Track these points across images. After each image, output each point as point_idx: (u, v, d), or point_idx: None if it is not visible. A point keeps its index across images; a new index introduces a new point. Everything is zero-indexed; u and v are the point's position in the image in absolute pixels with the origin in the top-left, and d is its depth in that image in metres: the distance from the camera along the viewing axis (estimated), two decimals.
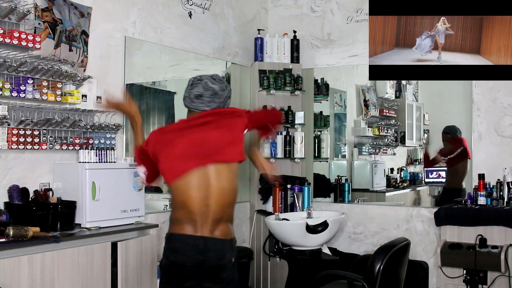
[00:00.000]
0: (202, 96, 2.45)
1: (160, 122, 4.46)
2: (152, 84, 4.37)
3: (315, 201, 4.85)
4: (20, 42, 2.86)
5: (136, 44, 3.87)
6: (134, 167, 3.29)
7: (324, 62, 4.92)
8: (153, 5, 3.97)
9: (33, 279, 2.60)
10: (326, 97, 5.07)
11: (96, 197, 3.05)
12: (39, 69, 2.99)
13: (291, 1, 5.07)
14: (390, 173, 5.69)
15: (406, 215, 4.44)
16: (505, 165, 3.97)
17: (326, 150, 5.06)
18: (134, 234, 3.22)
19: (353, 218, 4.65)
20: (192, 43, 4.33)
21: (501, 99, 4.15)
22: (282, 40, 4.81)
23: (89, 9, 3.40)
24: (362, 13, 4.71)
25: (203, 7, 4.43)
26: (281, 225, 4.02)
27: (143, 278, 3.19)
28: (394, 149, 5.89)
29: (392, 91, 5.87)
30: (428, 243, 4.30)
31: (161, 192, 4.47)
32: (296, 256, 3.98)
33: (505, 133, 4.12)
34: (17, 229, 2.58)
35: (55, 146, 3.12)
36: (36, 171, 3.12)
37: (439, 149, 5.13)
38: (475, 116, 4.23)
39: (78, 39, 3.30)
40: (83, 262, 2.84)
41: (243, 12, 4.89)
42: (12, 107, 2.93)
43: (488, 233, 3.68)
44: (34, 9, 3.03)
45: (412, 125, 5.86)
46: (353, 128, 5.59)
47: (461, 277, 3.73)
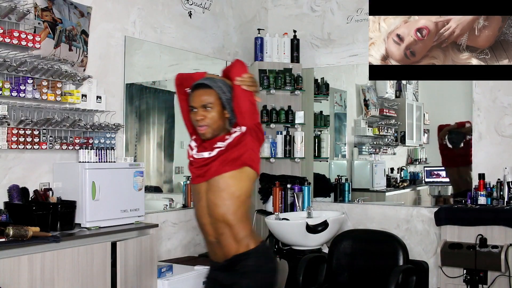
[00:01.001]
0: None
1: (160, 122, 4.46)
2: (152, 84, 4.37)
3: (315, 201, 4.85)
4: (20, 41, 2.85)
5: (136, 44, 3.86)
6: (134, 167, 3.31)
7: (324, 62, 4.92)
8: (153, 5, 3.97)
9: (33, 279, 2.60)
10: (326, 96, 5.07)
11: (96, 197, 3.05)
12: (39, 68, 2.99)
13: (291, 1, 5.06)
14: (390, 172, 5.68)
15: (406, 215, 4.43)
16: (505, 165, 3.97)
17: (326, 149, 5.06)
18: (134, 234, 3.22)
19: (353, 218, 4.65)
20: (192, 42, 4.32)
21: (501, 99, 4.15)
22: (282, 40, 4.80)
23: (89, 9, 3.40)
24: (362, 12, 4.71)
25: (203, 7, 4.43)
26: (281, 225, 4.02)
27: (142, 278, 3.19)
28: (394, 148, 5.89)
29: (392, 90, 5.87)
30: (428, 243, 4.29)
31: (161, 192, 4.47)
32: (296, 256, 3.99)
33: (505, 132, 4.12)
34: (17, 229, 2.58)
35: (55, 146, 3.11)
36: (36, 171, 3.12)
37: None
38: (475, 116, 4.22)
39: (78, 38, 3.29)
40: (83, 262, 2.84)
41: (243, 12, 4.88)
42: (12, 107, 2.92)
43: (488, 233, 3.67)
44: (34, 9, 3.02)
45: (412, 124, 5.85)
46: (353, 127, 5.59)
47: (461, 277, 3.73)
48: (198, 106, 2.28)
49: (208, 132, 2.29)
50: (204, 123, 2.27)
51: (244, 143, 2.26)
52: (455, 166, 4.91)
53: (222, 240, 2.29)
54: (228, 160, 2.26)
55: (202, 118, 2.27)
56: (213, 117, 2.27)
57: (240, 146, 2.26)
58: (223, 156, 2.26)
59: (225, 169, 2.26)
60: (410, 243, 4.26)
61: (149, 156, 4.36)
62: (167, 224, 4.01)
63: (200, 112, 2.28)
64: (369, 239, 4.05)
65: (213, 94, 2.28)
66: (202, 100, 2.27)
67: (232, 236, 2.28)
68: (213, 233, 2.31)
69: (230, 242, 2.27)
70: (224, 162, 2.26)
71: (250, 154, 2.27)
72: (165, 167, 4.52)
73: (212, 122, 2.28)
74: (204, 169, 2.30)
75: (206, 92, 2.28)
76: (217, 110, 2.28)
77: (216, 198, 2.27)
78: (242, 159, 2.26)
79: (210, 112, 2.27)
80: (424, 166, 5.67)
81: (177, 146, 4.55)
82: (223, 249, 2.31)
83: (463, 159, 4.43)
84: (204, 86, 2.30)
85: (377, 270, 3.85)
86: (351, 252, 3.99)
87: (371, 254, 3.94)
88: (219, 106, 2.29)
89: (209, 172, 2.28)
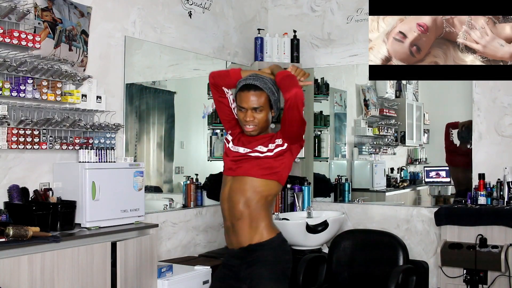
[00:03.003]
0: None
1: (160, 122, 4.46)
2: (152, 83, 4.38)
3: (315, 201, 4.85)
4: (20, 41, 2.85)
5: (136, 44, 3.86)
6: (134, 167, 3.31)
7: (324, 62, 4.92)
8: (153, 5, 3.97)
9: (33, 279, 2.60)
10: (326, 96, 5.07)
11: (96, 197, 3.05)
12: (39, 68, 2.99)
13: (291, 1, 5.06)
14: (390, 172, 5.68)
15: (406, 215, 4.44)
16: (505, 165, 3.97)
17: (326, 149, 5.06)
18: (134, 234, 3.22)
19: (353, 218, 4.65)
20: (192, 42, 4.32)
21: (501, 99, 4.15)
22: (282, 40, 4.80)
23: (89, 9, 3.40)
24: (362, 12, 4.71)
25: (203, 7, 4.43)
26: (281, 225, 4.01)
27: (142, 278, 3.19)
28: (394, 148, 5.88)
29: (392, 90, 5.86)
30: (428, 243, 4.30)
31: (161, 192, 4.47)
32: (296, 256, 3.98)
33: (505, 132, 4.12)
34: (17, 229, 2.58)
35: (55, 146, 3.11)
36: (36, 171, 3.12)
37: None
38: (475, 115, 4.22)
39: (78, 38, 3.29)
40: (83, 262, 2.84)
41: (243, 12, 4.88)
42: (12, 107, 2.92)
43: (488, 232, 3.68)
44: (34, 9, 3.02)
45: (412, 124, 5.85)
46: (353, 127, 5.59)
47: (461, 277, 3.73)
48: (249, 108, 2.36)
49: (255, 131, 2.39)
50: (253, 123, 2.36)
51: (282, 159, 2.37)
52: (460, 166, 4.88)
53: (237, 226, 2.36)
54: (262, 167, 2.36)
55: (251, 119, 2.36)
56: (262, 118, 2.37)
57: (278, 159, 2.36)
58: (259, 161, 2.36)
59: (256, 173, 2.36)
60: (410, 243, 4.27)
61: (149, 156, 4.36)
62: (167, 224, 4.01)
63: (250, 113, 2.35)
64: (369, 239, 4.05)
65: (263, 96, 2.35)
66: (253, 102, 2.34)
67: (248, 224, 2.34)
68: (229, 218, 2.38)
69: (244, 229, 2.33)
70: (258, 167, 2.36)
71: (284, 172, 2.40)
72: (165, 167, 4.52)
73: (260, 123, 2.38)
74: (237, 165, 2.39)
75: (257, 94, 2.34)
76: (266, 111, 2.37)
77: (240, 187, 2.36)
78: (276, 174, 2.38)
79: (259, 113, 2.35)
80: (424, 166, 5.67)
81: (177, 146, 4.55)
82: (238, 237, 2.37)
83: (468, 160, 4.38)
84: (255, 88, 2.33)
85: (377, 270, 3.85)
86: (351, 252, 3.99)
87: (371, 254, 3.94)
88: (268, 108, 2.38)
89: (240, 169, 2.38)
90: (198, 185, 4.34)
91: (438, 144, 5.17)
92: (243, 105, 2.37)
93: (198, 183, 4.35)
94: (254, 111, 2.34)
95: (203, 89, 4.61)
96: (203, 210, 4.35)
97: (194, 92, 4.79)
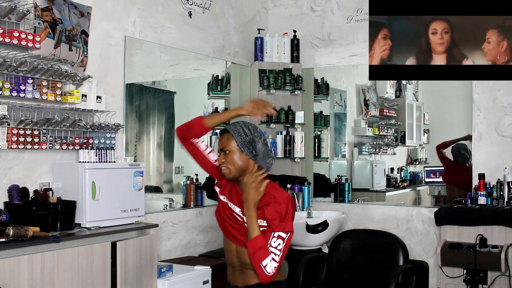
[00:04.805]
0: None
1: (160, 121, 4.46)
2: (152, 83, 4.38)
3: (315, 201, 4.85)
4: (20, 41, 2.85)
5: (136, 44, 3.86)
6: (134, 167, 3.31)
7: (324, 62, 4.92)
8: (153, 5, 3.97)
9: (33, 279, 2.60)
10: (326, 96, 5.07)
11: (96, 197, 3.05)
12: (39, 68, 2.99)
13: (291, 1, 5.06)
14: (390, 172, 5.69)
15: (406, 214, 4.44)
16: (505, 165, 3.97)
17: (326, 149, 5.06)
18: (134, 234, 3.22)
19: (353, 218, 4.65)
20: (192, 42, 4.32)
21: (501, 99, 4.15)
22: (282, 40, 4.81)
23: (89, 9, 3.40)
24: (362, 12, 4.71)
25: (203, 7, 4.43)
26: None
27: (142, 278, 3.19)
28: (394, 148, 5.89)
29: (392, 90, 5.87)
30: (428, 243, 4.30)
31: (161, 192, 4.48)
32: (296, 256, 3.99)
33: (505, 132, 4.12)
34: (17, 229, 2.58)
35: (55, 146, 3.11)
36: (36, 171, 3.12)
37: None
38: (475, 115, 4.22)
39: (78, 38, 3.29)
40: (83, 262, 2.84)
41: (243, 12, 4.89)
42: (12, 107, 2.92)
43: (488, 233, 3.68)
44: (34, 9, 3.02)
45: (412, 124, 5.86)
46: (353, 127, 5.59)
47: (461, 277, 3.73)
48: (219, 149, 2.37)
49: (230, 173, 2.34)
50: (224, 165, 2.34)
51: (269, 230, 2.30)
52: (457, 185, 4.88)
53: (247, 270, 2.32)
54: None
55: (222, 161, 2.34)
56: (232, 160, 2.32)
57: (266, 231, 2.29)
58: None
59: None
60: (410, 243, 4.27)
61: (149, 156, 4.36)
62: (167, 224, 4.01)
63: (221, 154, 2.35)
64: (369, 239, 4.05)
65: (231, 138, 2.33)
66: (222, 143, 2.35)
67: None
68: (237, 261, 2.35)
69: (253, 272, 2.29)
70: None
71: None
72: (165, 167, 4.52)
73: (232, 165, 2.33)
74: (238, 233, 2.33)
75: (226, 136, 2.35)
76: (236, 153, 2.33)
77: (248, 252, 2.27)
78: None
79: (229, 155, 2.32)
80: (424, 166, 5.68)
81: (177, 146, 4.55)
82: (244, 276, 2.35)
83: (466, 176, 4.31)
84: (225, 131, 2.36)
85: (377, 270, 3.86)
86: (351, 252, 3.99)
87: (371, 254, 3.94)
88: (238, 150, 2.33)
89: (243, 243, 2.30)
90: (198, 185, 4.34)
91: (437, 143, 5.18)
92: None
93: (198, 183, 4.35)
94: (224, 153, 2.34)
95: (203, 89, 4.61)
96: (203, 210, 4.35)
97: (194, 92, 4.79)
